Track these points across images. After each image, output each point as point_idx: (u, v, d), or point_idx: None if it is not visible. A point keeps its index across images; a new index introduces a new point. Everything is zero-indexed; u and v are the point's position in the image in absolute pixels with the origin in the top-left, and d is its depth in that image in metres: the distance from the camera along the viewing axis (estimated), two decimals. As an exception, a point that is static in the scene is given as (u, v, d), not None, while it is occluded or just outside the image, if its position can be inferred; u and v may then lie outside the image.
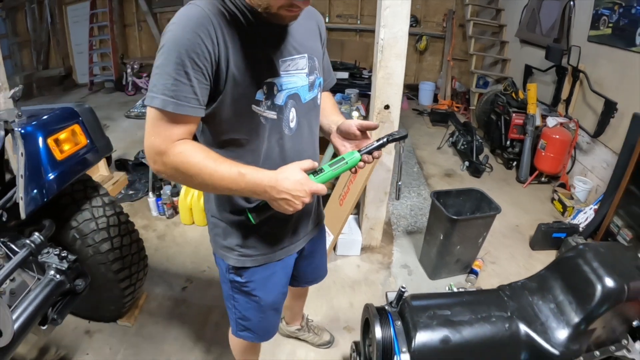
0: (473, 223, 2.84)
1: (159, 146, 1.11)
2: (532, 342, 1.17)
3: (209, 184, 1.15)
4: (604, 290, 1.15)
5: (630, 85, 4.08)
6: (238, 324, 1.69)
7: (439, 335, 1.12)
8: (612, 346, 1.35)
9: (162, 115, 1.10)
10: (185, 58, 1.07)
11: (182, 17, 1.10)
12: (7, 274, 1.55)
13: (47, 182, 1.77)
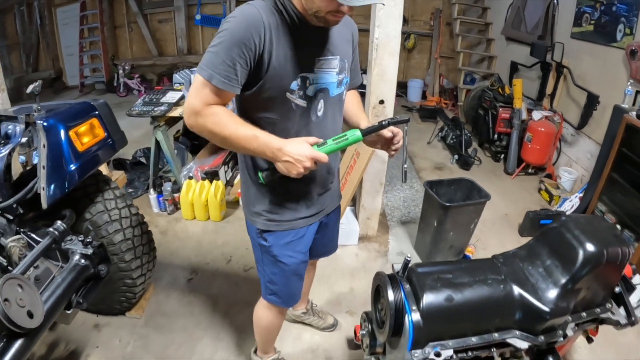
0: (465, 210, 3.00)
1: (196, 106, 1.37)
2: (524, 301, 1.31)
3: (229, 141, 1.39)
4: (585, 254, 1.31)
5: (612, 79, 4.26)
6: (267, 287, 1.92)
7: (443, 295, 1.26)
8: (597, 309, 1.50)
9: (206, 85, 1.36)
10: (234, 47, 1.32)
11: (240, 14, 1.36)
12: (33, 260, 1.65)
13: (68, 173, 1.89)
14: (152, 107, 3.68)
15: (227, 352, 2.52)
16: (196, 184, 3.77)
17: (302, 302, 2.64)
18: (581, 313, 1.46)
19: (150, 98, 3.85)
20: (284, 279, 1.85)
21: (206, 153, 4.38)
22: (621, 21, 4.21)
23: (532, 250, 1.45)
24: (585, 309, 1.48)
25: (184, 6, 8.29)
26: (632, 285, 1.64)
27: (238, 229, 3.72)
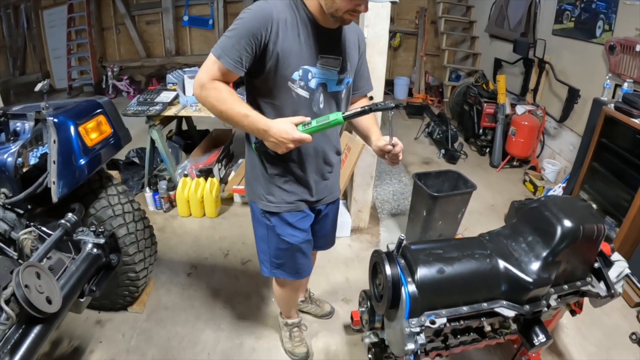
0: (452, 199, 3.13)
1: (203, 80, 1.53)
2: (509, 273, 1.44)
3: (225, 115, 1.55)
4: (563, 229, 1.44)
5: (591, 73, 4.42)
6: (272, 262, 2.06)
7: (435, 267, 1.39)
8: (578, 282, 1.64)
9: (215, 63, 1.52)
10: (245, 36, 1.49)
11: (256, 7, 1.54)
12: (47, 251, 1.72)
13: (78, 168, 1.98)
14: (147, 106, 3.76)
15: (229, 342, 2.61)
16: (191, 181, 3.85)
17: (301, 290, 2.75)
18: (563, 285, 1.59)
19: (145, 98, 3.92)
20: (290, 255, 2.01)
21: (200, 151, 4.47)
22: (600, 18, 4.37)
23: (515, 229, 1.58)
24: (567, 282, 1.62)
25: (172, 7, 8.33)
26: (611, 262, 1.78)
27: (234, 224, 3.82)
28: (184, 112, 3.83)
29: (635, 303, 3.06)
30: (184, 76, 3.99)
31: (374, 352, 1.66)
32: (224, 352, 2.54)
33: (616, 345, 2.74)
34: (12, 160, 1.83)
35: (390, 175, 4.89)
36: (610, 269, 1.80)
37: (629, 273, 1.93)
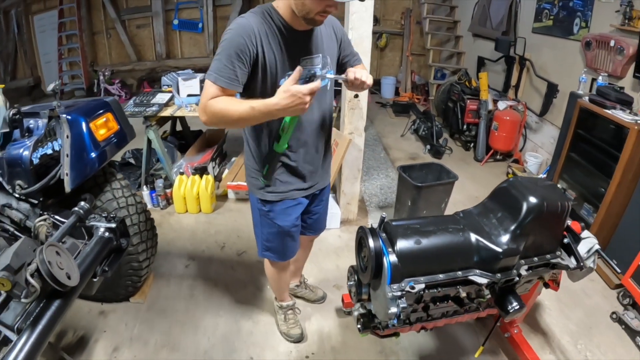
0: (435, 189, 3.32)
1: (204, 102, 1.63)
2: (480, 245, 1.62)
3: (235, 119, 1.62)
4: (528, 205, 1.62)
5: (569, 68, 4.64)
6: (263, 245, 2.27)
7: (412, 239, 1.56)
8: (548, 255, 1.81)
9: (212, 85, 1.62)
10: (233, 53, 1.60)
11: (236, 26, 1.64)
12: (62, 235, 1.87)
13: (89, 160, 2.15)
14: (143, 107, 3.91)
15: (227, 328, 2.76)
16: (187, 178, 4.00)
17: (295, 277, 2.93)
18: (533, 258, 1.77)
19: (141, 100, 4.07)
20: (279, 238, 2.20)
21: (194, 151, 4.62)
22: (577, 15, 4.58)
23: (486, 206, 1.77)
24: (537, 255, 1.79)
25: (162, 11, 8.43)
26: (580, 238, 1.96)
27: (229, 219, 3.97)
28: (179, 112, 3.99)
29: (615, 285, 3.23)
30: (178, 78, 4.15)
31: (362, 322, 1.84)
32: (223, 336, 2.69)
33: (597, 324, 2.91)
34: (27, 154, 1.99)
35: (377, 170, 5.08)
36: (580, 245, 1.99)
37: (598, 249, 2.11)
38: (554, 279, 2.38)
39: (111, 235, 1.98)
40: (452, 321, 2.08)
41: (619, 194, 3.28)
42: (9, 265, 1.38)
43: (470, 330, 2.76)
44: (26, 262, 1.45)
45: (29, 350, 1.45)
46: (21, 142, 2.06)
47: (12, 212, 1.99)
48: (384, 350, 2.62)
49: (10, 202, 2.08)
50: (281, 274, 2.51)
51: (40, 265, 1.42)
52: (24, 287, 1.44)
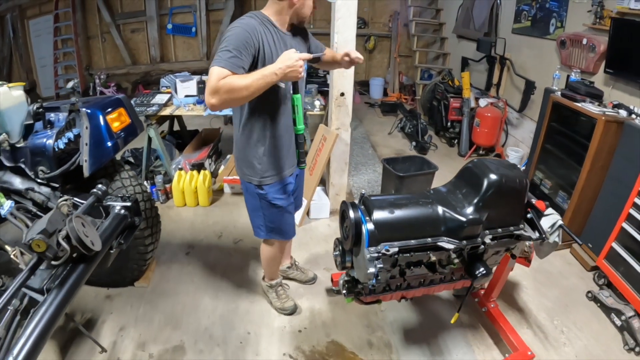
0: (416, 179, 3.60)
1: (213, 84, 1.79)
2: (447, 216, 1.87)
3: (247, 93, 1.83)
4: (488, 180, 1.88)
5: (546, 66, 4.93)
6: (267, 227, 2.52)
7: (387, 210, 1.82)
8: (511, 227, 2.07)
9: (220, 70, 1.81)
10: (240, 44, 1.88)
11: (241, 23, 1.96)
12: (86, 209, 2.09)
13: (106, 149, 2.41)
14: (144, 107, 4.14)
15: (225, 307, 2.99)
16: (186, 174, 4.24)
17: (286, 259, 3.18)
18: (497, 229, 2.02)
19: (141, 100, 4.31)
20: (280, 217, 2.48)
21: (191, 148, 4.85)
22: (553, 16, 4.88)
23: (453, 184, 2.04)
24: (501, 227, 2.04)
25: (156, 16, 8.60)
26: (543, 214, 2.22)
27: (225, 211, 4.21)
28: (178, 111, 4.23)
29: (591, 267, 3.49)
30: (176, 80, 4.41)
31: (347, 287, 2.09)
32: (222, 315, 2.92)
33: (573, 302, 3.15)
34: (51, 143, 2.24)
35: (365, 166, 5.35)
36: (543, 220, 2.25)
37: (561, 224, 2.37)
38: (525, 256, 2.65)
39: (126, 213, 2.23)
40: (430, 291, 2.33)
41: (590, 181, 3.55)
42: (45, 229, 1.61)
43: (449, 307, 3.01)
44: (57, 229, 1.69)
45: (57, 305, 1.67)
46: (44, 132, 2.32)
47: (35, 194, 2.24)
48: (370, 325, 2.86)
49: (33, 187, 2.33)
50: (279, 253, 2.78)
51: (70, 231, 1.66)
52: (55, 250, 1.67)
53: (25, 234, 1.64)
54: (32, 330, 1.58)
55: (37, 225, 1.65)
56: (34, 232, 1.61)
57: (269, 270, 2.93)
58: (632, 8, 3.60)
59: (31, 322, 1.60)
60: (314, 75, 6.69)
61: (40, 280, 1.77)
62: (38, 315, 1.63)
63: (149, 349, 2.64)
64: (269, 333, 2.79)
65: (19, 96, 2.30)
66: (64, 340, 2.65)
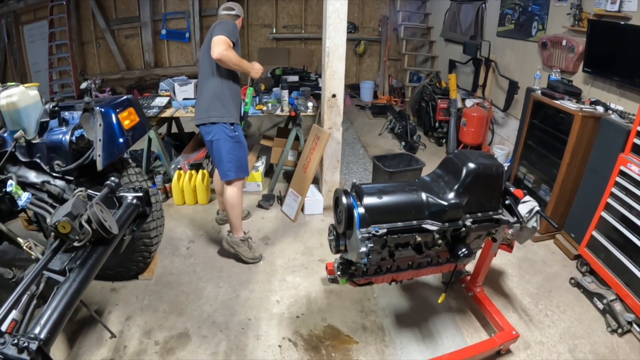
0: (405, 174, 3.80)
1: (228, 43, 2.94)
2: (430, 201, 2.07)
3: (238, 64, 3.04)
4: (467, 168, 2.09)
5: (529, 67, 5.15)
6: (237, 167, 3.29)
7: (376, 196, 2.02)
8: (490, 212, 2.26)
9: (229, 40, 2.95)
10: (236, 32, 3.09)
11: (234, 24, 3.12)
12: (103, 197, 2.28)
13: (118, 144, 2.60)
14: (145, 110, 4.29)
15: (227, 295, 3.17)
16: (185, 173, 4.41)
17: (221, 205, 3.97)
18: (477, 213, 2.22)
19: (142, 103, 4.48)
20: (245, 155, 3.35)
21: (190, 149, 5.01)
22: (535, 19, 5.12)
23: (436, 174, 2.26)
24: (481, 212, 2.24)
25: (150, 22, 8.77)
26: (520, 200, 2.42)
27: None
28: (177, 113, 4.41)
29: (574, 255, 3.68)
30: (174, 84, 4.60)
31: (342, 269, 2.28)
32: (223, 303, 3.10)
33: (557, 288, 3.34)
34: (67, 139, 2.43)
35: (357, 165, 5.57)
36: (521, 206, 2.45)
37: (538, 210, 2.57)
38: (507, 243, 2.85)
39: (138, 202, 2.41)
40: (418, 274, 2.52)
41: (570, 174, 3.76)
42: (70, 212, 1.79)
43: (438, 293, 3.20)
44: (80, 213, 1.86)
45: (80, 281, 1.84)
46: (59, 129, 2.52)
47: (50, 187, 2.41)
48: (364, 310, 3.05)
49: (48, 180, 2.51)
50: (241, 194, 3.40)
51: (92, 215, 1.84)
52: (78, 232, 1.84)
53: (51, 217, 1.81)
54: (58, 303, 1.73)
55: (62, 210, 1.83)
56: (59, 215, 1.78)
57: (237, 220, 3.42)
58: (609, 10, 3.83)
59: (56, 297, 1.76)
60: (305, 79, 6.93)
61: (60, 262, 1.94)
62: (62, 291, 1.78)
63: (155, 336, 2.79)
64: (268, 318, 2.96)
65: (34, 95, 2.50)
66: (72, 331, 2.79)
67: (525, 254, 3.75)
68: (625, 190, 3.09)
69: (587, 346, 2.81)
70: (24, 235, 2.38)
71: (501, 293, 3.27)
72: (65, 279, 1.86)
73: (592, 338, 2.87)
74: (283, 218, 4.27)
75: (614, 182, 3.18)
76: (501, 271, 3.50)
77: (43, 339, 1.59)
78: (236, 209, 3.37)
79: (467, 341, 2.80)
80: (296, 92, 5.09)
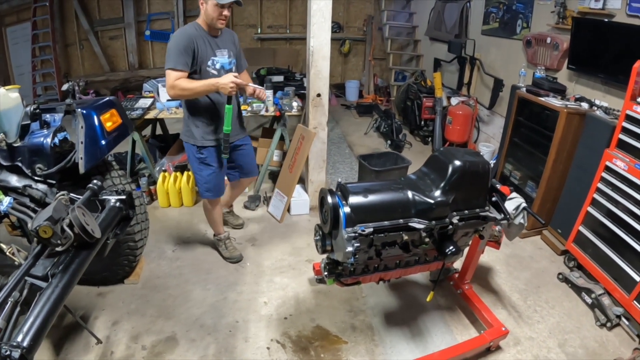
0: (391, 173, 3.81)
1: (171, 82, 2.66)
2: (416, 199, 2.06)
3: (193, 92, 2.75)
4: (453, 166, 2.09)
5: (514, 65, 5.18)
6: (203, 188, 3.21)
7: (362, 195, 2.00)
8: (477, 209, 2.26)
9: (173, 71, 2.66)
10: (182, 48, 2.68)
11: (181, 32, 2.78)
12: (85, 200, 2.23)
13: (101, 147, 2.57)
14: (128, 111, 4.24)
15: (214, 298, 3.14)
16: (170, 175, 4.37)
17: (227, 206, 3.92)
18: (464, 211, 2.22)
19: (126, 104, 4.42)
20: (214, 178, 3.17)
21: (174, 151, 4.96)
22: (520, 17, 5.15)
23: (422, 172, 2.25)
24: (468, 209, 2.24)
25: (134, 23, 8.67)
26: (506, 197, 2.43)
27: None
28: (161, 115, 4.36)
29: (561, 251, 3.71)
30: (158, 85, 4.55)
31: (328, 269, 2.26)
32: (211, 305, 3.07)
33: (545, 283, 3.36)
34: (48, 141, 2.39)
35: (343, 165, 5.58)
36: (507, 203, 2.46)
37: (525, 206, 2.58)
38: (495, 240, 2.86)
39: (121, 205, 2.37)
40: (406, 272, 2.52)
41: (556, 170, 3.80)
42: (51, 216, 1.76)
43: (427, 291, 3.17)
44: (61, 217, 1.83)
45: (63, 287, 1.80)
46: (41, 132, 2.48)
47: (32, 190, 2.36)
48: (352, 310, 3.04)
49: (30, 184, 2.46)
50: (215, 209, 3.41)
51: (73, 219, 1.80)
52: (60, 237, 1.81)
53: (32, 221, 1.78)
54: (41, 309, 1.69)
55: (43, 214, 1.79)
56: (40, 220, 1.75)
57: (213, 226, 3.56)
58: (592, 8, 3.86)
59: (39, 303, 1.72)
60: (290, 79, 6.93)
61: (43, 268, 1.90)
62: (45, 297, 1.75)
63: (142, 341, 2.75)
64: (256, 320, 2.94)
65: (15, 98, 2.44)
66: (58, 338, 2.74)
67: (513, 250, 3.77)
68: (611, 185, 3.13)
69: (576, 341, 2.83)
70: (8, 241, 2.35)
71: (490, 290, 3.28)
72: (47, 285, 1.82)
73: (582, 332, 2.89)
74: (269, 219, 4.25)
75: (600, 178, 3.21)
76: (489, 268, 3.52)
77: (26, 346, 1.55)
78: (208, 216, 3.51)
79: (456, 339, 2.81)
80: (281, 92, 5.08)
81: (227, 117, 2.83)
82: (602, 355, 2.73)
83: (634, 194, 2.92)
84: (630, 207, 2.94)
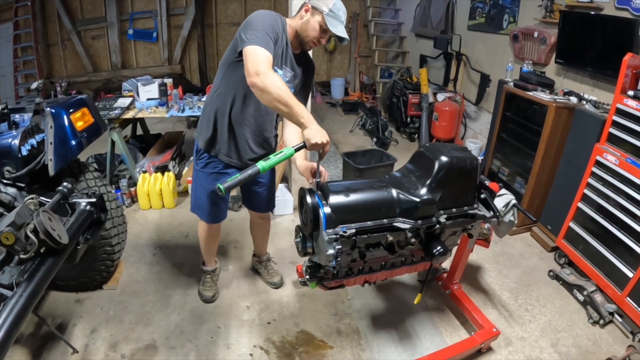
0: (376, 171, 3.73)
1: (263, 67, 1.86)
2: (401, 198, 1.97)
3: (281, 100, 1.84)
4: (439, 162, 1.99)
5: (500, 60, 5.14)
6: (194, 201, 2.74)
7: (343, 194, 1.89)
8: (465, 207, 2.17)
9: (264, 50, 1.90)
10: (269, 29, 2.00)
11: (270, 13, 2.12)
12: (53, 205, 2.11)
13: (71, 147, 2.45)
14: (107, 111, 4.13)
15: (195, 304, 3.03)
16: (150, 176, 4.24)
17: (257, 251, 3.32)
18: (452, 209, 2.13)
19: (104, 104, 4.30)
20: (206, 199, 2.62)
21: (155, 151, 4.85)
22: (506, 12, 5.10)
23: (407, 169, 2.16)
24: (455, 207, 2.15)
25: (117, 22, 8.50)
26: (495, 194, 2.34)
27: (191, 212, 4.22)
28: (140, 114, 4.24)
29: (551, 248, 3.67)
30: (137, 84, 4.42)
31: (310, 272, 2.16)
32: (191, 311, 2.96)
33: (535, 281, 3.31)
34: (16, 143, 2.28)
35: (328, 163, 5.46)
36: (497, 200, 2.38)
37: (515, 203, 2.51)
38: (484, 238, 2.78)
39: (92, 208, 2.26)
40: (392, 274, 2.42)
41: (545, 165, 3.75)
42: (13, 222, 1.65)
43: (414, 292, 3.10)
44: (25, 222, 1.72)
45: (27, 297, 1.69)
46: (9, 133, 2.35)
47: (1, 194, 2.24)
48: (338, 313, 2.95)
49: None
50: (207, 236, 2.88)
51: (38, 225, 1.69)
52: (24, 244, 1.70)
53: (-6, 228, 1.67)
54: (5, 319, 1.59)
55: (5, 219, 1.69)
56: (2, 225, 1.64)
57: (204, 254, 3.06)
58: (580, 1, 3.80)
59: (3, 313, 1.61)
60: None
61: (8, 276, 1.80)
62: (9, 307, 1.64)
63: (121, 349, 2.64)
64: (238, 326, 2.84)
65: (-19, 99, 2.33)
66: (36, 347, 2.63)
67: (503, 247, 3.71)
68: (601, 180, 3.08)
69: (569, 339, 2.78)
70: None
71: (479, 289, 3.22)
72: (12, 294, 1.71)
73: (574, 331, 2.84)
74: (252, 219, 4.14)
75: (590, 173, 3.17)
76: (478, 266, 3.45)
77: (-10, 358, 1.45)
78: (201, 244, 2.98)
79: (446, 341, 2.74)
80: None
81: (276, 160, 1.86)
82: (595, 354, 2.68)
83: (625, 189, 2.87)
84: (622, 202, 2.89)
